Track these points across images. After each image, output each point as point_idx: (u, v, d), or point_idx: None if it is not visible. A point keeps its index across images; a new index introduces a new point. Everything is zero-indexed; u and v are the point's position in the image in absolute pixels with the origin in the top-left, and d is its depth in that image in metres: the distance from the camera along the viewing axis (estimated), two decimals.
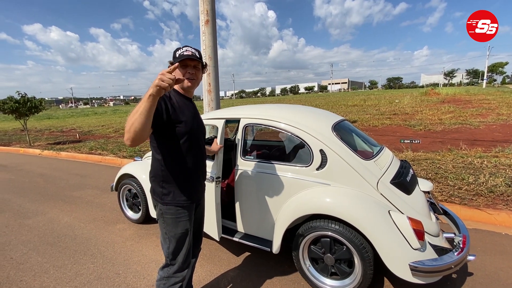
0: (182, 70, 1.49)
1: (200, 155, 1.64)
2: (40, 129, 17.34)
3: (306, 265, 2.10)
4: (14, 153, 9.65)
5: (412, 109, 13.96)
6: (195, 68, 1.52)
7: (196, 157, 1.59)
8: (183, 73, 1.49)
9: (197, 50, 1.53)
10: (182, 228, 1.55)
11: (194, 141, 1.56)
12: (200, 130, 1.64)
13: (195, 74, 1.53)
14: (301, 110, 2.49)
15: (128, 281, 2.26)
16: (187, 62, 1.49)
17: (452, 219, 2.30)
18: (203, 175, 1.70)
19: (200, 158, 1.64)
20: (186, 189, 1.54)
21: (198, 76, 1.56)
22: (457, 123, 9.06)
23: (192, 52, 1.49)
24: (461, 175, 4.00)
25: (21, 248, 2.84)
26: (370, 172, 1.95)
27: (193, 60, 1.49)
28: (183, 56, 1.46)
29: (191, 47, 1.51)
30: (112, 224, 3.35)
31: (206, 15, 4.57)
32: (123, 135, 1.28)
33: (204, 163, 1.70)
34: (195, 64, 1.51)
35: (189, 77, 1.51)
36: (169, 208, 1.52)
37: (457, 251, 1.81)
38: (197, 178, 1.61)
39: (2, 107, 9.66)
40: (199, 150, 1.63)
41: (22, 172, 6.43)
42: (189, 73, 1.50)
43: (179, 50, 1.50)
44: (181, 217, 1.54)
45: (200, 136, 1.63)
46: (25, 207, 4.05)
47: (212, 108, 4.82)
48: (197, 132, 1.59)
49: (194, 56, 1.48)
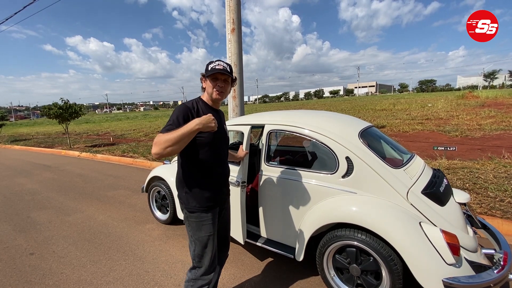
0: (213, 82, 1.57)
1: (222, 162, 1.70)
2: (79, 132, 18.78)
3: (331, 274, 2.06)
4: (56, 154, 10.55)
5: (447, 113, 13.11)
6: (225, 82, 1.60)
7: (218, 164, 1.65)
8: (213, 86, 1.57)
9: (228, 65, 1.60)
10: (206, 231, 1.59)
11: (216, 149, 1.62)
12: (222, 138, 1.69)
13: (224, 87, 1.61)
14: (325, 116, 2.47)
15: (157, 279, 2.36)
16: (218, 76, 1.56)
17: (492, 233, 2.13)
18: (225, 181, 1.74)
19: (222, 166, 1.70)
20: (208, 195, 1.59)
21: (227, 89, 1.64)
22: (499, 129, 8.35)
23: (224, 67, 1.56)
24: (504, 186, 3.69)
25: (62, 243, 3.10)
26: (400, 181, 1.88)
27: (223, 75, 1.56)
28: (215, 70, 1.53)
29: (223, 61, 1.58)
30: (142, 223, 3.54)
31: (232, 24, 4.71)
32: (153, 138, 1.37)
33: (226, 170, 1.75)
34: (225, 78, 1.59)
35: (218, 90, 1.58)
36: (193, 212, 1.58)
37: (497, 268, 1.67)
38: (219, 184, 1.67)
39: (47, 112, 10.64)
40: (222, 157, 1.69)
41: (63, 172, 7.01)
42: (219, 86, 1.58)
43: (212, 64, 1.57)
44: (204, 221, 1.59)
45: (222, 145, 1.69)
46: (66, 205, 4.40)
47: (237, 114, 4.92)
48: (219, 141, 1.65)
49: (225, 70, 1.55)
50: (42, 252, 2.90)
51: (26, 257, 2.82)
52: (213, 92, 1.58)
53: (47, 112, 10.68)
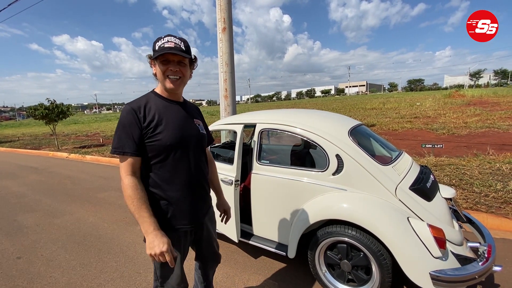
0: (163, 66, 1.16)
1: (196, 169, 1.29)
2: (67, 133, 18.36)
3: (322, 270, 2.09)
4: (44, 156, 10.28)
5: (434, 112, 13.43)
6: (180, 64, 1.18)
7: (190, 172, 1.26)
8: (163, 70, 1.17)
9: (182, 41, 1.18)
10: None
11: (184, 153, 1.23)
12: (192, 138, 1.27)
13: (180, 72, 1.19)
14: (317, 115, 2.50)
15: (149, 280, 2.34)
16: (169, 57, 1.15)
17: (477, 227, 2.20)
18: (201, 192, 1.34)
19: (196, 173, 1.29)
20: (172, 215, 1.23)
21: (184, 74, 1.21)
22: (484, 127, 8.61)
23: (176, 44, 1.15)
24: (488, 182, 3.81)
25: (50, 246, 3.03)
26: (388, 177, 1.92)
27: (176, 55, 1.15)
28: (164, 49, 1.13)
29: (175, 37, 1.17)
30: (133, 225, 3.49)
31: (223, 23, 4.70)
32: None
33: (203, 178, 1.34)
34: (180, 59, 1.17)
35: (171, 75, 1.18)
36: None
37: (482, 261, 1.73)
38: (193, 198, 1.28)
39: (33, 113, 10.37)
40: (193, 163, 1.27)
41: (51, 174, 6.84)
42: (171, 70, 1.17)
43: (160, 41, 1.15)
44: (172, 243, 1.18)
45: (195, 149, 1.28)
46: (54, 207, 4.30)
47: (229, 113, 4.91)
48: (187, 142, 1.24)
49: (177, 49, 1.14)
50: (29, 256, 2.83)
51: (13, 261, 2.75)
52: (165, 81, 1.18)
53: (32, 113, 10.43)
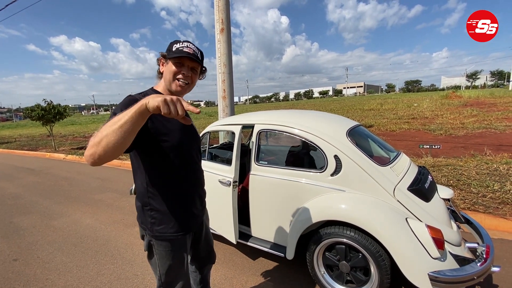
0: (175, 68, 1.18)
1: (195, 173, 1.35)
2: (64, 134, 18.25)
3: (321, 272, 2.08)
4: (41, 157, 10.20)
5: (431, 113, 13.50)
6: (193, 71, 1.23)
7: (190, 175, 1.31)
8: (175, 72, 1.19)
9: (199, 51, 1.23)
10: (178, 258, 1.30)
11: (186, 156, 1.28)
12: (193, 142, 1.34)
13: (190, 78, 1.23)
14: (315, 116, 2.50)
15: (146, 282, 2.32)
16: (185, 61, 1.19)
17: (475, 228, 2.20)
18: (200, 196, 1.40)
19: (195, 177, 1.35)
20: (180, 217, 1.27)
21: (193, 80, 1.26)
22: (481, 127, 8.66)
23: (194, 51, 1.19)
24: (486, 182, 3.82)
25: (47, 248, 3.00)
26: (386, 178, 1.92)
27: (192, 61, 1.20)
28: (183, 52, 1.15)
29: (193, 44, 1.21)
30: (130, 226, 3.47)
31: (221, 24, 4.69)
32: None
33: (200, 182, 1.40)
34: (194, 66, 1.22)
35: (181, 79, 1.20)
36: (163, 240, 1.26)
37: (480, 261, 1.73)
38: (192, 201, 1.33)
39: (30, 114, 10.30)
40: (192, 166, 1.33)
41: (48, 175, 6.79)
42: (183, 74, 1.19)
43: (178, 44, 1.19)
44: (175, 249, 1.28)
45: (191, 150, 1.33)
46: (51, 209, 4.27)
47: (227, 114, 4.91)
48: (188, 145, 1.29)
49: (195, 56, 1.19)
50: (26, 258, 2.80)
51: (9, 263, 2.72)
52: (174, 83, 1.19)
53: (29, 114, 10.35)
